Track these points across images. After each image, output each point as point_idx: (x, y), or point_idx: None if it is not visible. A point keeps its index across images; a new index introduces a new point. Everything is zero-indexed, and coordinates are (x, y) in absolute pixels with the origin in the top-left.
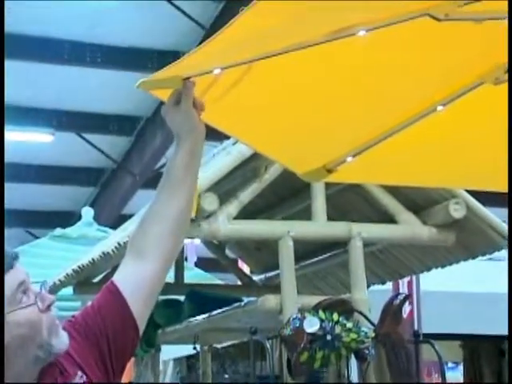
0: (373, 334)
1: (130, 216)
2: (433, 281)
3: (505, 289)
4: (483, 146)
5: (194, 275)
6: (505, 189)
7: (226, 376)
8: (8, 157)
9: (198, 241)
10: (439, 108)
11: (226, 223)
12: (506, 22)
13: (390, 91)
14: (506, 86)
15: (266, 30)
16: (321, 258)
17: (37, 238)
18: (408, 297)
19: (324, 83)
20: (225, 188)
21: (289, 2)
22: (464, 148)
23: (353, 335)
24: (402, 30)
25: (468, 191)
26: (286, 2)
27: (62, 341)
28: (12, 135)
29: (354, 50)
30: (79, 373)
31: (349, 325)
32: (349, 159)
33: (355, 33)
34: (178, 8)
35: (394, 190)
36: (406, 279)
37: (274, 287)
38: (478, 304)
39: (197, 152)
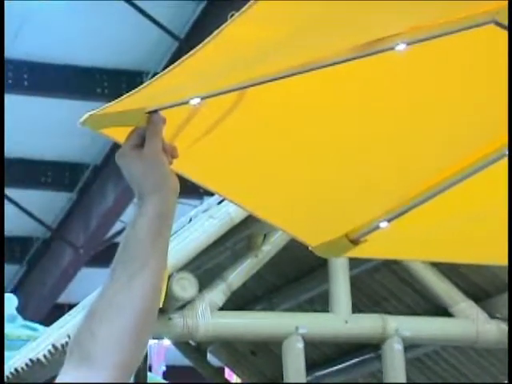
0: None
1: (71, 306)
2: None
3: None
4: None
5: None
6: None
7: None
8: None
9: (167, 342)
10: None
11: (207, 316)
12: None
13: (437, 131)
14: None
15: (267, 43)
16: (343, 365)
17: None
18: None
19: (346, 120)
20: (207, 266)
21: (299, 2)
22: None
23: None
24: (454, 44)
25: None
26: (295, 3)
27: None
28: None
29: (387, 72)
30: None
31: None
32: (382, 225)
33: (392, 47)
34: (141, 11)
35: (447, 270)
36: None
37: None
38: None
39: (166, 215)
